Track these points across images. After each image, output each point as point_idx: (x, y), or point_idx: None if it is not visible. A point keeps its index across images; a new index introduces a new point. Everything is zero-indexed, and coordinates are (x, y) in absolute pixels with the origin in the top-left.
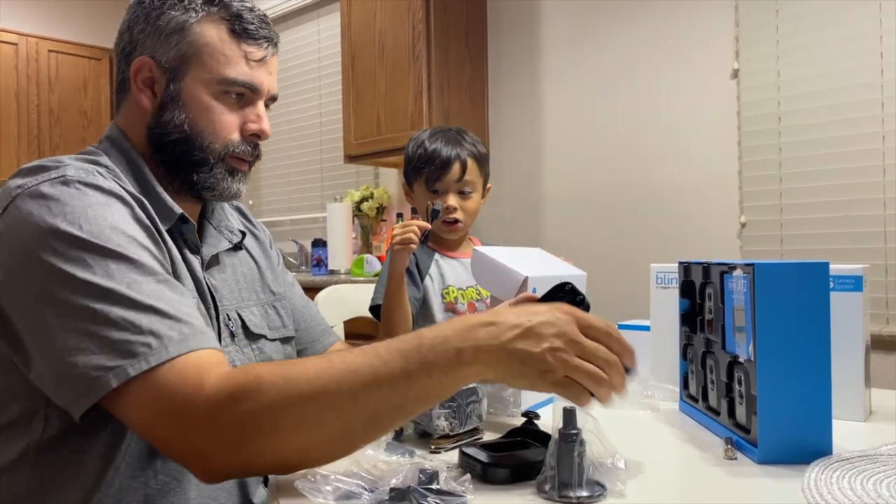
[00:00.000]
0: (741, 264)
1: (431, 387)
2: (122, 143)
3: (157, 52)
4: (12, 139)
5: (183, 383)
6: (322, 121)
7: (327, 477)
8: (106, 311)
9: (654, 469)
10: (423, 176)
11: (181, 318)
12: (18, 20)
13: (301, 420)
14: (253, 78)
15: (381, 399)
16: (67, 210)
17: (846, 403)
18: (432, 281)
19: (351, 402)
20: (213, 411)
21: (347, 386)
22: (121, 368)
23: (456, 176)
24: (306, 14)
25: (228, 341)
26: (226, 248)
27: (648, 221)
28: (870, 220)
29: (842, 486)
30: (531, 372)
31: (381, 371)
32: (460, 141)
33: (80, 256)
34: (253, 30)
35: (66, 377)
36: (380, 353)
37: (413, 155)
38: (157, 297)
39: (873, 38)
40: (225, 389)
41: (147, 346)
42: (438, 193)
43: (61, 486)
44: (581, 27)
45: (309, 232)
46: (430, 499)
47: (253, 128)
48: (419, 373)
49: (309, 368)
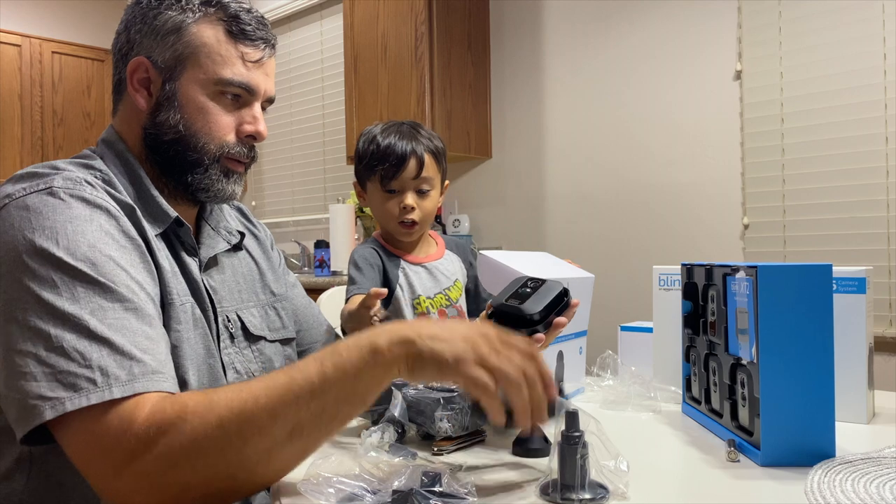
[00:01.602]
0: (744, 266)
1: (349, 386)
2: (118, 145)
3: (154, 53)
4: (16, 140)
5: (118, 420)
6: (325, 122)
7: (329, 479)
8: (60, 338)
9: (656, 471)
10: (377, 174)
11: (135, 356)
12: (22, 22)
13: (224, 444)
14: (249, 79)
15: (301, 408)
16: (47, 225)
17: (849, 406)
18: (402, 291)
19: (270, 417)
20: (141, 447)
21: (265, 400)
22: (58, 401)
23: (413, 173)
24: (309, 15)
25: (228, 343)
26: (224, 249)
27: (651, 223)
28: (873, 221)
29: (845, 488)
30: (446, 362)
31: (298, 379)
32: (415, 135)
33: (49, 276)
34: (250, 31)
35: (8, 399)
36: (297, 364)
37: (364, 151)
38: (119, 327)
39: (877, 39)
40: (153, 424)
41: (92, 381)
42: (394, 193)
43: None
44: (584, 29)
45: (311, 233)
46: (432, 501)
47: (249, 129)
48: (335, 373)
49: (230, 391)
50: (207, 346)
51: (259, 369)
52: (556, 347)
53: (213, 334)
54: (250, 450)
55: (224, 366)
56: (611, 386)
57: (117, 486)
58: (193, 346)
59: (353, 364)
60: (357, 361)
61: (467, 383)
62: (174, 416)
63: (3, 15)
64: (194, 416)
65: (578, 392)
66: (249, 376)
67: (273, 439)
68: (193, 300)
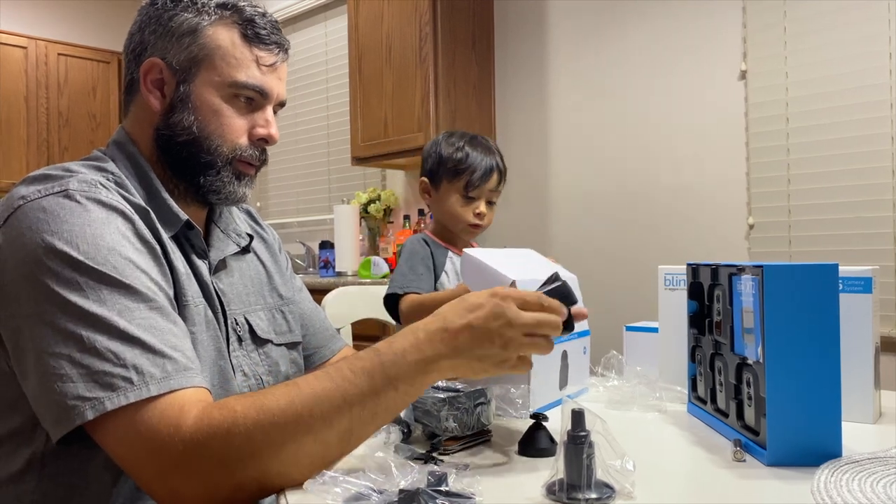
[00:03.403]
0: (750, 266)
1: (398, 398)
2: (129, 147)
3: (168, 54)
4: (21, 142)
5: (165, 423)
6: (329, 123)
7: (336, 478)
8: (92, 340)
9: (662, 471)
10: (462, 180)
11: (166, 354)
12: (27, 24)
13: (279, 447)
14: (263, 83)
15: (353, 417)
16: (66, 228)
17: (856, 405)
18: (448, 278)
19: (325, 424)
20: (192, 451)
21: (320, 410)
22: (98, 401)
23: (493, 185)
24: (314, 16)
25: (236, 346)
26: (233, 251)
27: (656, 223)
28: (879, 221)
29: (851, 488)
30: (489, 366)
31: (351, 392)
32: (493, 151)
33: (74, 279)
34: (265, 35)
35: (45, 401)
36: (345, 375)
37: (450, 156)
38: (147, 326)
39: (882, 38)
40: (202, 429)
41: (128, 380)
42: (472, 200)
43: (69, 496)
44: (588, 29)
45: (316, 234)
46: (439, 500)
47: (261, 132)
48: (386, 388)
49: (280, 397)
50: (219, 347)
51: (266, 372)
52: (560, 347)
53: (223, 337)
54: (304, 451)
55: (233, 368)
56: (616, 386)
57: (164, 489)
58: (206, 347)
59: (402, 381)
60: (407, 379)
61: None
62: (224, 421)
63: (8, 17)
64: (247, 420)
65: (583, 392)
66: (257, 379)
67: (325, 444)
68: (206, 302)
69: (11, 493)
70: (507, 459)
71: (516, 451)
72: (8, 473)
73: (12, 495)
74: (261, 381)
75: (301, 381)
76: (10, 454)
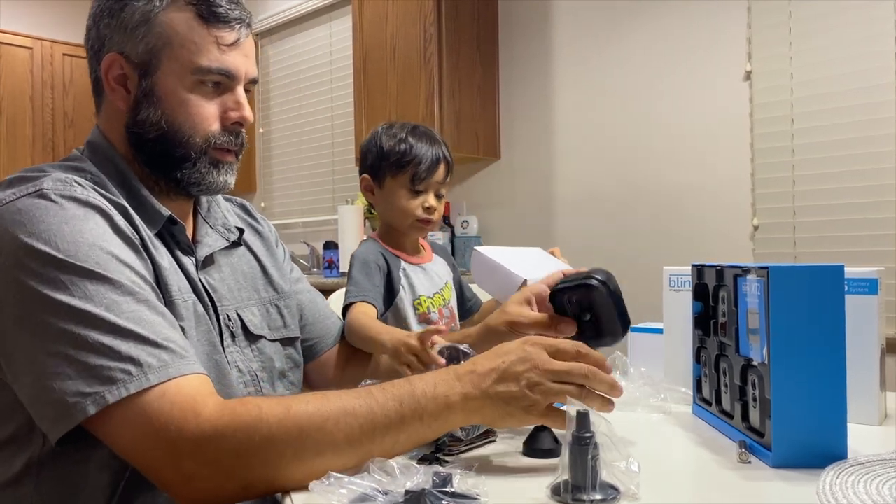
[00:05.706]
0: (755, 267)
1: (421, 431)
2: (104, 146)
3: (126, 48)
4: (27, 142)
5: (178, 410)
6: (333, 123)
7: (341, 479)
8: (84, 336)
9: (667, 472)
10: (407, 173)
11: (160, 343)
12: (33, 24)
13: (301, 453)
14: (227, 64)
15: (375, 440)
16: (43, 228)
17: (861, 407)
18: (405, 292)
19: (348, 441)
20: (211, 438)
21: (346, 426)
22: (99, 395)
23: (441, 177)
24: (318, 17)
25: (230, 342)
26: (222, 246)
27: (661, 224)
28: (885, 222)
29: (857, 490)
30: (516, 410)
31: (378, 414)
32: (438, 141)
33: (57, 277)
34: (222, 12)
35: (43, 401)
36: (375, 396)
37: (392, 149)
38: (137, 319)
39: (887, 39)
40: (224, 419)
41: (126, 372)
42: (419, 193)
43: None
44: (593, 29)
45: (320, 234)
46: (444, 501)
47: (233, 116)
48: (412, 418)
49: (309, 403)
50: (212, 342)
51: (260, 368)
52: None
53: (216, 332)
54: (323, 462)
55: (228, 363)
56: None
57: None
58: (197, 342)
59: (429, 414)
60: (433, 413)
61: (545, 423)
62: (249, 418)
63: (14, 18)
64: (272, 420)
65: None
66: (252, 375)
67: (343, 460)
68: (195, 297)
69: (10, 497)
70: (512, 460)
71: (521, 451)
72: (6, 478)
73: (11, 500)
74: (255, 377)
75: (331, 393)
76: (7, 459)
